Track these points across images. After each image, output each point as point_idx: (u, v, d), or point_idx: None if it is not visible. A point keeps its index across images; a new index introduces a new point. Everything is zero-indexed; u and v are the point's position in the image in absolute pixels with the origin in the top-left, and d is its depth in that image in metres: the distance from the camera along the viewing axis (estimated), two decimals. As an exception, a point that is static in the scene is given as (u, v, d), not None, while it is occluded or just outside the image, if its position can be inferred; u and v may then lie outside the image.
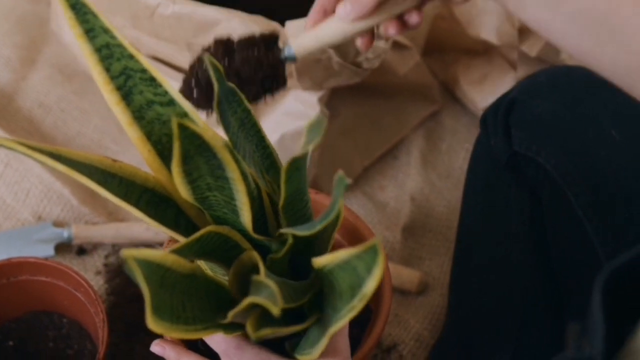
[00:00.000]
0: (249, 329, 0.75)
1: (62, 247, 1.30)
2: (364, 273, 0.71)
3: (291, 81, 1.19)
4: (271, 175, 0.83)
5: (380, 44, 1.19)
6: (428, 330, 1.26)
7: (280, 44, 0.91)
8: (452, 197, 1.38)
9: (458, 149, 1.44)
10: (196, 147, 0.70)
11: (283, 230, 0.78)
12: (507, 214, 1.08)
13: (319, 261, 0.76)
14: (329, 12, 0.90)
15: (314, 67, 1.17)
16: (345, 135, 1.35)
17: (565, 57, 1.27)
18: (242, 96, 0.79)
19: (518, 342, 1.06)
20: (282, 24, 1.16)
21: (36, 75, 1.46)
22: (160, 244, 1.30)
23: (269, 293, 0.73)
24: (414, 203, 1.36)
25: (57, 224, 1.31)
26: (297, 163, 0.75)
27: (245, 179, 0.75)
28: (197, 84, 0.88)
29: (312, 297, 0.82)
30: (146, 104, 0.79)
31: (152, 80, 0.79)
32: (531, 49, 1.27)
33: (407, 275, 1.28)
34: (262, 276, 0.77)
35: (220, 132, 0.79)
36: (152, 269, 0.70)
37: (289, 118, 1.25)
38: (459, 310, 1.13)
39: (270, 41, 0.90)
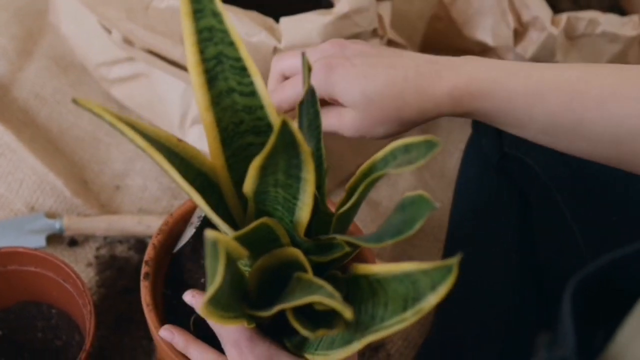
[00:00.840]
0: (300, 329, 0.76)
1: (54, 238, 1.30)
2: (426, 288, 0.71)
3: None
4: (316, 174, 0.83)
5: (376, 43, 1.19)
6: (417, 330, 1.26)
7: None
8: (445, 197, 1.37)
9: (452, 149, 1.44)
10: (285, 144, 0.70)
11: (342, 238, 0.79)
12: (496, 215, 1.08)
13: (373, 269, 0.77)
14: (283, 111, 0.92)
15: (308, 64, 1.17)
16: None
17: (560, 59, 1.27)
18: (317, 97, 0.79)
19: (504, 343, 1.07)
20: (277, 20, 1.16)
21: (32, 67, 1.46)
22: (151, 237, 1.30)
23: (327, 293, 0.72)
24: (406, 202, 1.36)
25: (50, 215, 1.32)
26: (378, 177, 0.77)
27: (314, 181, 0.76)
28: None
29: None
30: (226, 91, 0.80)
31: (243, 70, 0.80)
32: (525, 50, 1.27)
33: (397, 274, 1.27)
34: (311, 275, 0.78)
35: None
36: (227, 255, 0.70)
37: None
38: (446, 312, 1.13)
39: None
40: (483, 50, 1.38)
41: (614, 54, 1.28)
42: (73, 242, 1.31)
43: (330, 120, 0.89)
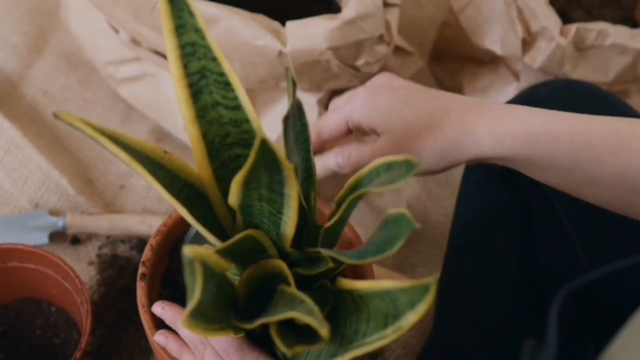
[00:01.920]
0: (280, 344, 0.77)
1: (57, 236, 1.31)
2: (405, 306, 0.72)
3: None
4: (305, 188, 0.84)
5: (381, 49, 1.18)
6: (416, 339, 1.26)
7: None
8: (449, 205, 1.37)
9: (459, 157, 1.43)
10: (266, 161, 0.71)
11: (326, 253, 0.79)
12: (497, 224, 1.07)
13: (355, 285, 0.78)
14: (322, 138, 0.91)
15: (313, 68, 1.16)
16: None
17: (568, 70, 1.26)
18: (304, 111, 0.80)
19: (502, 351, 1.06)
20: (284, 24, 1.16)
21: (42, 64, 1.47)
22: (154, 238, 1.30)
23: (306, 309, 0.73)
24: (411, 210, 1.36)
25: (53, 212, 1.32)
26: (361, 195, 0.77)
27: (298, 197, 0.77)
28: None
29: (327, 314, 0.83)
30: (211, 105, 0.81)
31: (227, 84, 0.81)
32: (533, 60, 1.26)
33: (398, 282, 1.27)
34: (294, 289, 0.79)
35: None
36: (204, 268, 0.71)
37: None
38: (445, 319, 1.12)
39: None
40: (492, 59, 1.38)
41: (623, 66, 1.27)
42: (76, 240, 1.31)
43: (364, 149, 0.88)
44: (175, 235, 1.04)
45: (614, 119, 0.83)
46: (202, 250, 0.71)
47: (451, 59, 1.46)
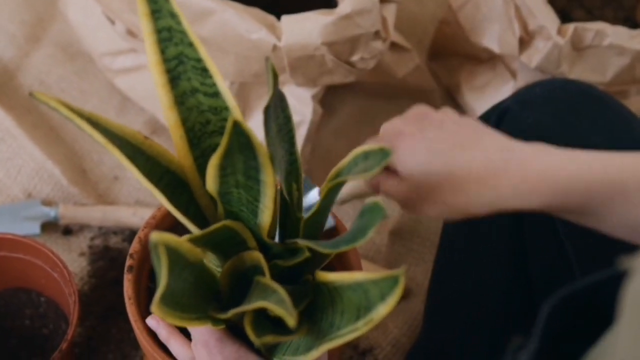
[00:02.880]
0: (250, 334, 0.77)
1: (49, 226, 1.30)
2: (376, 298, 0.72)
3: (285, 76, 1.19)
4: (289, 180, 0.84)
5: (377, 45, 1.18)
6: (407, 337, 1.25)
7: None
8: (444, 204, 1.36)
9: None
10: (241, 145, 0.71)
11: (303, 243, 0.78)
12: (488, 228, 1.06)
13: (329, 277, 0.78)
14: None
15: (308, 63, 1.16)
16: (340, 134, 1.35)
17: (565, 70, 1.25)
18: (288, 102, 0.80)
19: (491, 353, 1.05)
20: (279, 17, 1.15)
21: (40, 53, 1.46)
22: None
23: (277, 299, 0.73)
24: (405, 207, 1.35)
25: (46, 202, 1.32)
26: (340, 184, 0.77)
27: (275, 185, 0.77)
28: None
29: (305, 306, 0.82)
30: (190, 91, 0.80)
31: (204, 71, 0.80)
32: (530, 59, 1.25)
33: (390, 279, 1.26)
34: (268, 280, 0.79)
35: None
36: (173, 255, 0.71)
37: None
38: (434, 318, 1.12)
39: None
40: (490, 58, 1.37)
41: (621, 67, 1.26)
42: (67, 231, 1.31)
43: (390, 182, 0.86)
44: (164, 228, 1.03)
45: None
46: (168, 236, 0.71)
47: (449, 57, 1.46)
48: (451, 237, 1.11)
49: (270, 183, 0.75)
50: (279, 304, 0.72)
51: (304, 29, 1.13)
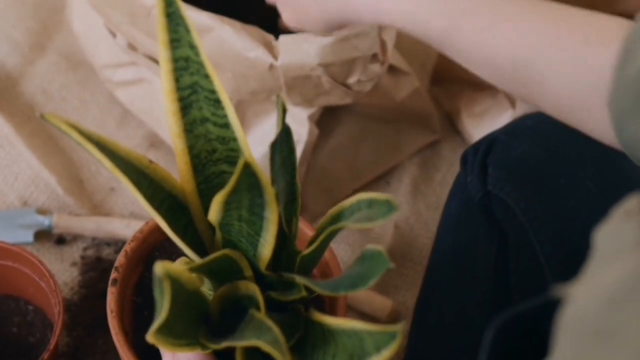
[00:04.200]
0: None
1: (42, 235, 1.31)
2: (371, 349, 0.73)
3: (282, 95, 1.19)
4: (288, 212, 0.85)
5: (375, 68, 1.18)
6: (394, 359, 1.25)
7: None
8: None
9: (452, 181, 1.42)
10: (249, 185, 0.72)
11: (301, 281, 0.80)
12: (474, 254, 1.07)
13: (326, 320, 0.79)
14: None
15: (304, 84, 1.16)
16: (336, 155, 1.35)
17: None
18: (292, 136, 0.82)
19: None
20: (277, 37, 1.16)
21: (43, 62, 1.47)
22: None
23: (272, 339, 0.74)
24: (397, 231, 1.35)
25: (41, 211, 1.32)
26: (340, 228, 0.79)
27: (278, 221, 0.78)
28: None
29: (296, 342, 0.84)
30: (200, 120, 0.82)
31: (217, 102, 0.81)
32: (529, 89, 1.25)
33: (379, 303, 1.26)
34: (264, 315, 0.79)
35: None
36: (174, 286, 0.72)
37: (275, 132, 1.24)
38: (418, 343, 1.12)
39: None
40: (490, 85, 1.37)
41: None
42: (61, 240, 1.31)
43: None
44: (152, 243, 1.03)
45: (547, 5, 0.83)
46: (173, 268, 0.73)
47: (451, 82, 1.45)
48: (437, 265, 1.11)
49: (273, 220, 0.77)
50: (274, 344, 0.73)
51: (301, 49, 1.13)
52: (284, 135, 0.81)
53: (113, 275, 0.99)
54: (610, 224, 0.51)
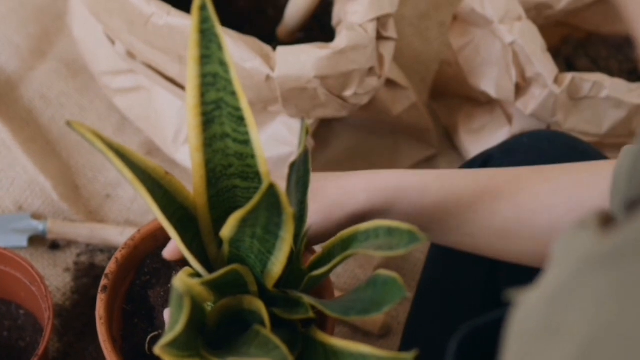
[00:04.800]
0: None
1: (37, 240, 1.31)
2: None
3: (277, 106, 1.19)
4: (296, 228, 0.84)
5: (371, 82, 1.18)
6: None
7: None
8: (432, 244, 1.36)
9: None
10: (269, 204, 0.72)
11: (309, 301, 0.80)
12: (465, 270, 1.06)
13: (332, 341, 0.79)
14: None
15: (300, 95, 1.16)
16: (332, 168, 1.35)
17: (560, 119, 1.25)
18: (310, 158, 0.81)
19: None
20: (275, 48, 1.16)
21: (43, 67, 1.47)
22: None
23: (280, 355, 0.74)
24: (392, 245, 1.35)
25: (36, 216, 1.32)
26: (355, 253, 0.78)
27: (292, 242, 0.77)
28: None
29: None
30: (220, 135, 0.81)
31: (241, 119, 0.80)
32: (526, 106, 1.25)
33: (370, 317, 1.26)
34: (270, 333, 0.79)
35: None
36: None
37: (273, 143, 1.24)
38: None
39: None
40: (489, 101, 1.37)
41: (618, 120, 1.25)
42: (55, 246, 1.31)
43: None
44: (143, 250, 1.03)
45: (479, 171, 0.90)
46: (192, 284, 0.74)
47: (450, 97, 1.46)
48: (430, 279, 1.11)
49: (288, 240, 0.76)
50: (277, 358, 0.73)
51: (298, 61, 1.13)
52: (304, 156, 0.80)
53: (103, 282, 0.99)
54: (567, 234, 0.52)
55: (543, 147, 1.04)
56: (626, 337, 0.42)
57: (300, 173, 0.81)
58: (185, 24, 1.14)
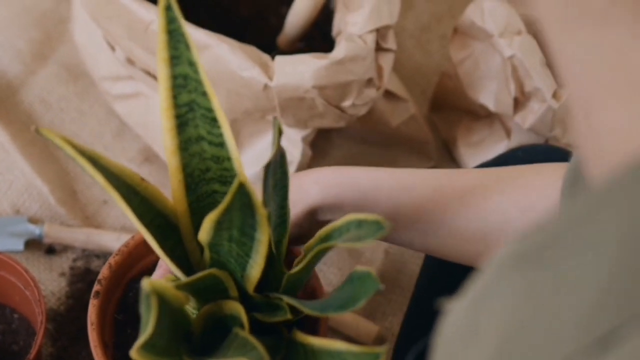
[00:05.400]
0: None
1: (33, 244, 1.31)
2: None
3: (276, 115, 1.19)
4: (277, 234, 0.85)
5: (370, 93, 1.18)
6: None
7: None
8: (428, 256, 1.36)
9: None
10: (242, 205, 0.72)
11: (288, 300, 0.80)
12: (459, 283, 1.06)
13: (309, 339, 0.80)
14: None
15: (298, 105, 1.16)
16: (330, 178, 1.34)
17: (558, 133, 1.25)
18: (286, 158, 0.82)
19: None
20: (274, 57, 1.16)
21: (44, 72, 1.47)
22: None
23: (257, 356, 0.74)
24: (388, 257, 1.35)
25: (33, 220, 1.32)
26: (329, 247, 0.78)
27: (268, 243, 0.78)
28: None
29: None
30: (196, 138, 0.81)
31: (214, 120, 0.81)
32: (524, 120, 1.25)
33: (364, 328, 1.26)
34: (248, 334, 0.79)
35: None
36: (160, 303, 0.73)
37: (270, 152, 1.24)
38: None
39: None
40: (488, 114, 1.37)
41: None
42: (51, 250, 1.31)
43: None
44: (136, 256, 1.03)
45: (437, 171, 0.91)
46: (160, 284, 0.73)
47: (450, 110, 1.46)
48: (423, 290, 1.11)
49: (264, 241, 0.77)
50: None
51: (296, 71, 1.13)
52: (279, 157, 0.81)
53: (96, 287, 0.99)
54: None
55: (538, 161, 1.04)
56: (537, 339, 0.42)
57: (277, 176, 0.81)
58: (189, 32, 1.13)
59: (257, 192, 0.75)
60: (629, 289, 0.38)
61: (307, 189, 0.88)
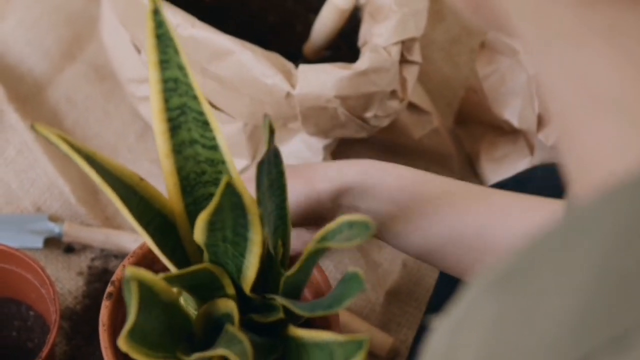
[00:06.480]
0: None
1: (52, 242, 1.32)
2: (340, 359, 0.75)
3: (297, 124, 1.19)
4: (276, 235, 0.85)
5: (393, 104, 1.18)
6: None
7: None
8: (446, 271, 1.35)
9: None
10: (232, 204, 0.73)
11: (281, 301, 0.81)
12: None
13: (298, 332, 0.81)
14: None
15: (320, 114, 1.16)
16: (351, 188, 1.34)
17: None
18: (282, 158, 0.83)
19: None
20: (298, 65, 1.16)
21: (72, 71, 1.48)
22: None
23: (241, 350, 0.75)
24: (405, 269, 1.34)
25: (53, 218, 1.33)
26: (321, 249, 0.79)
27: (263, 243, 0.79)
28: None
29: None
30: (189, 142, 0.83)
31: (205, 124, 0.82)
32: (547, 137, 1.24)
33: (379, 339, 1.26)
34: (236, 329, 0.80)
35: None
36: (146, 292, 0.74)
37: (292, 159, 1.24)
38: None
39: None
40: (513, 130, 1.36)
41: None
42: (70, 249, 1.32)
43: None
44: (151, 259, 1.03)
45: (453, 180, 0.98)
46: (143, 273, 0.74)
47: (475, 124, 1.45)
48: (437, 304, 1.11)
49: (257, 241, 0.77)
50: (241, 356, 0.74)
51: (318, 80, 1.13)
52: (272, 157, 0.81)
53: (109, 289, 0.99)
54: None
55: (556, 178, 1.03)
56: None
57: (272, 175, 0.82)
58: (209, 36, 1.14)
59: (252, 192, 0.76)
60: (603, 314, 0.39)
61: (345, 170, 0.93)
